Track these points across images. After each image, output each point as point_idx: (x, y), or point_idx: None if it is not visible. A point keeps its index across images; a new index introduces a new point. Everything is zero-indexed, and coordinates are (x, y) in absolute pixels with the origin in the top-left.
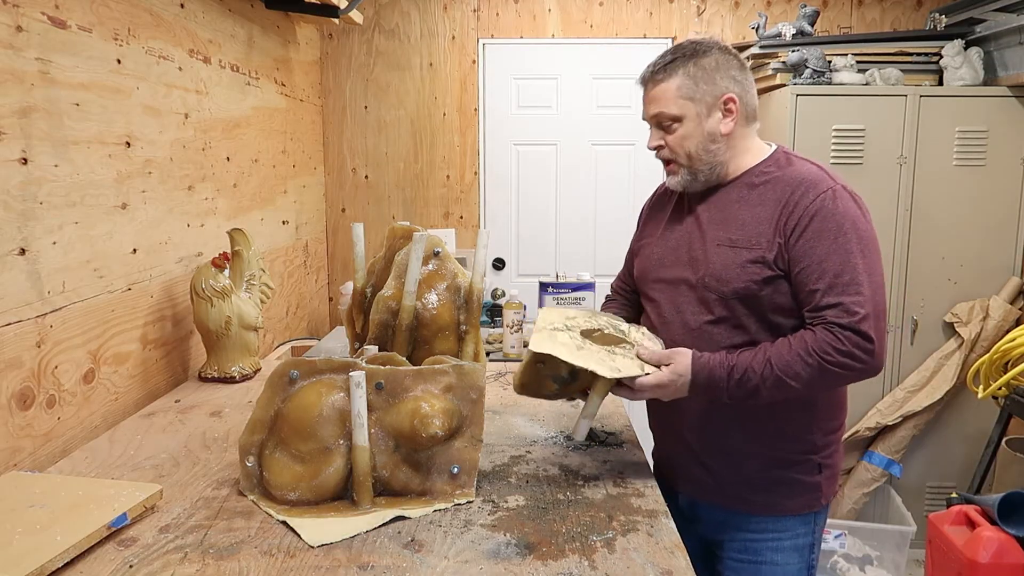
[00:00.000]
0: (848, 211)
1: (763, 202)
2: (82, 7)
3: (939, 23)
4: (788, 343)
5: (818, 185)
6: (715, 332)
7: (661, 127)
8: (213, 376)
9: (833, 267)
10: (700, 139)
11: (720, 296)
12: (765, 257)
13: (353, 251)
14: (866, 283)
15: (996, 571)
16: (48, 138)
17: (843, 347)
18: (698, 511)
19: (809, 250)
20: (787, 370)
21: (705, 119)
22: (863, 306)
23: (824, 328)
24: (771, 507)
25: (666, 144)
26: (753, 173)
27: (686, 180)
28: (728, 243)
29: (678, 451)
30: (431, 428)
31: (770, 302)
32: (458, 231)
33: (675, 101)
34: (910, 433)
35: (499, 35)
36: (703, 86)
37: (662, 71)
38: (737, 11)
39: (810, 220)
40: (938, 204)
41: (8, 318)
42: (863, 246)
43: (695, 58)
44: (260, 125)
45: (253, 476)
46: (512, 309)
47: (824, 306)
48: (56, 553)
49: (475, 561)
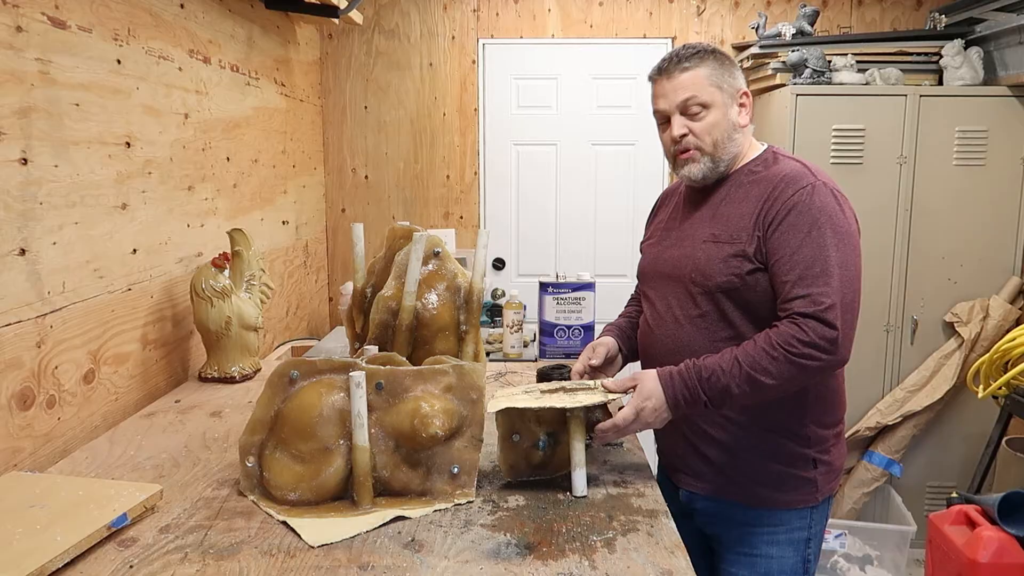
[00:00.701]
0: (825, 205)
1: (747, 198)
2: (82, 7)
3: (939, 23)
4: (755, 340)
5: (798, 181)
6: (702, 326)
7: (687, 114)
8: (213, 376)
9: (804, 259)
10: (726, 127)
11: (705, 290)
12: (745, 251)
13: (353, 251)
14: (836, 275)
15: (996, 571)
16: (48, 138)
17: (806, 337)
18: (697, 504)
19: (783, 243)
20: (755, 365)
21: (730, 108)
22: (829, 296)
23: (789, 320)
24: (766, 500)
25: (692, 131)
26: (743, 171)
27: (707, 168)
28: (712, 239)
29: (678, 444)
30: (431, 428)
31: (753, 295)
32: (458, 231)
33: (706, 88)
34: (910, 433)
35: (499, 35)
36: (727, 78)
37: (690, 60)
38: (737, 11)
39: (787, 214)
40: (938, 204)
41: (8, 318)
42: (838, 239)
43: (715, 54)
44: (260, 125)
45: (253, 476)
46: (512, 309)
47: (793, 297)
48: (56, 553)
49: (475, 561)
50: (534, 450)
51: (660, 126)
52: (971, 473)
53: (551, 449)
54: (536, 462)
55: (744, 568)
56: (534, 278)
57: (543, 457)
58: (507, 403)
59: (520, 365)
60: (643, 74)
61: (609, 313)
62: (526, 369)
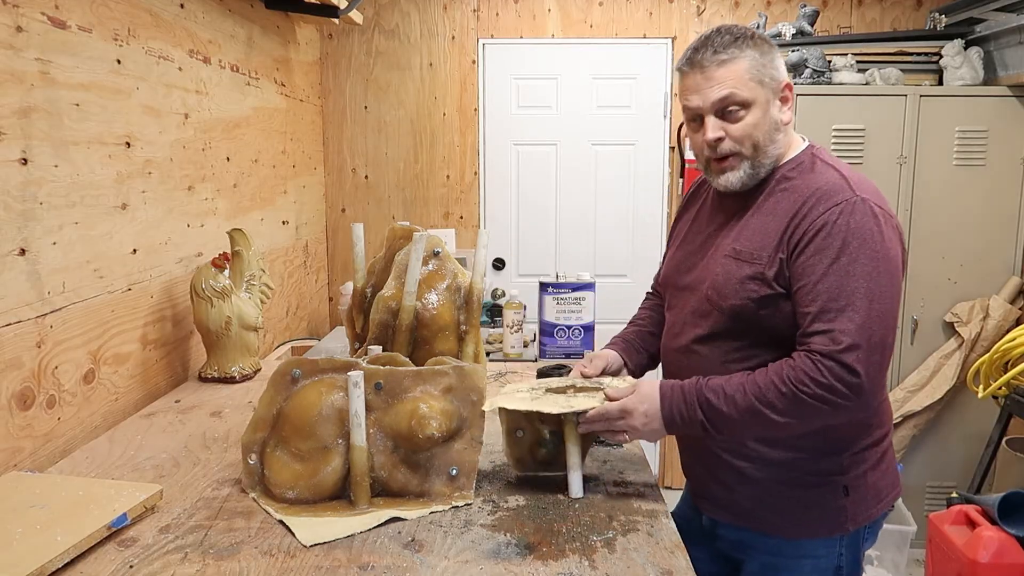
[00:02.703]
0: (860, 227)
1: (775, 212)
2: (82, 7)
3: (939, 23)
4: (766, 370)
5: (832, 196)
6: (715, 344)
7: (723, 115)
8: (213, 376)
9: (829, 289)
10: (768, 127)
11: (719, 310)
12: (764, 274)
13: (353, 251)
14: (863, 309)
15: (996, 571)
16: (48, 138)
17: (822, 379)
18: (718, 530)
19: (808, 268)
20: (761, 398)
21: (771, 105)
22: (851, 335)
23: (806, 355)
24: (787, 529)
25: (729, 134)
26: (778, 176)
27: (746, 175)
28: (733, 254)
29: (698, 468)
30: (428, 429)
31: (771, 320)
32: (458, 231)
33: (746, 84)
34: (910, 433)
35: (499, 35)
36: (769, 70)
37: (727, 51)
38: (737, 11)
39: (815, 235)
40: (938, 204)
41: (8, 318)
42: (872, 267)
43: (755, 40)
44: (260, 125)
45: (255, 474)
46: (512, 309)
47: (812, 332)
48: (56, 553)
49: (475, 561)
50: (537, 447)
51: (690, 123)
52: (971, 473)
53: (556, 447)
54: (541, 458)
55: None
56: (534, 278)
57: (548, 454)
58: (501, 402)
59: (520, 365)
60: (643, 74)
61: (609, 313)
62: (526, 369)
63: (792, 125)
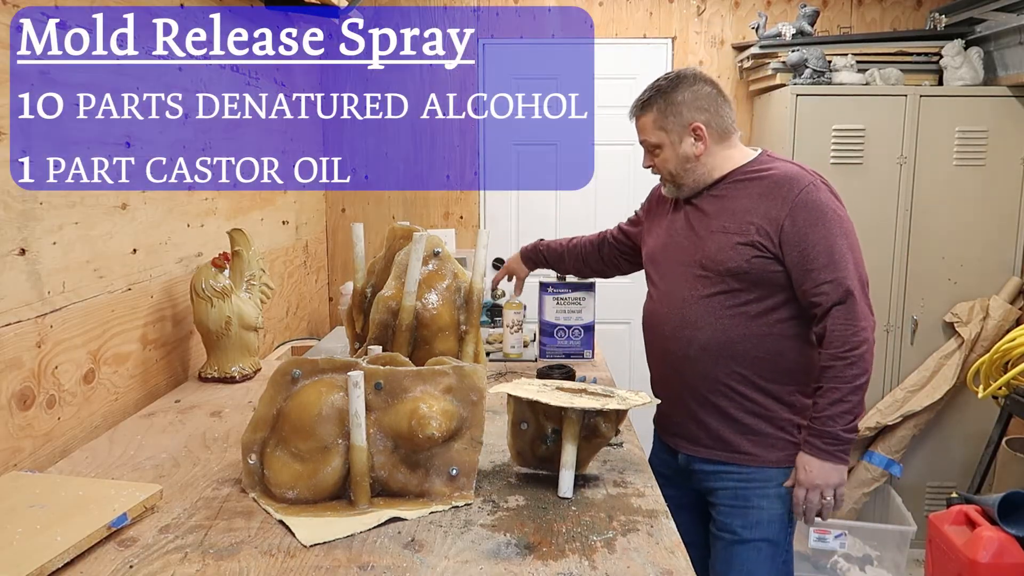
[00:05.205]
0: (829, 200)
1: (749, 195)
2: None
3: (939, 23)
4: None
5: (800, 180)
6: (709, 304)
7: (649, 148)
8: (213, 376)
9: (824, 249)
10: (677, 160)
11: (715, 273)
12: (754, 240)
13: (353, 251)
14: (850, 258)
15: (996, 571)
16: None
17: (851, 325)
18: (694, 465)
19: (801, 237)
20: (847, 378)
21: (679, 145)
22: (849, 278)
23: (827, 318)
24: (758, 459)
25: (654, 164)
26: (738, 173)
27: (673, 190)
28: (721, 230)
29: (678, 412)
30: (428, 429)
31: (760, 276)
32: (458, 231)
33: (653, 132)
34: (910, 433)
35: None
36: (672, 119)
37: (639, 108)
38: (737, 11)
39: (799, 210)
40: (938, 204)
41: (8, 318)
42: (841, 228)
43: (665, 95)
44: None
45: (255, 474)
46: (512, 309)
47: (821, 281)
48: (56, 553)
49: (475, 561)
50: (538, 442)
51: None
52: (971, 473)
53: (556, 445)
54: (541, 454)
55: (738, 519)
56: (534, 278)
57: (548, 452)
58: (511, 389)
59: (520, 365)
60: (643, 74)
61: (609, 313)
62: (526, 369)
63: (713, 151)
